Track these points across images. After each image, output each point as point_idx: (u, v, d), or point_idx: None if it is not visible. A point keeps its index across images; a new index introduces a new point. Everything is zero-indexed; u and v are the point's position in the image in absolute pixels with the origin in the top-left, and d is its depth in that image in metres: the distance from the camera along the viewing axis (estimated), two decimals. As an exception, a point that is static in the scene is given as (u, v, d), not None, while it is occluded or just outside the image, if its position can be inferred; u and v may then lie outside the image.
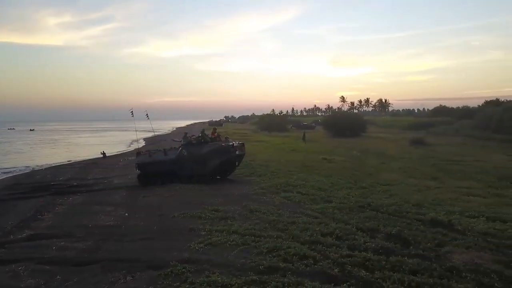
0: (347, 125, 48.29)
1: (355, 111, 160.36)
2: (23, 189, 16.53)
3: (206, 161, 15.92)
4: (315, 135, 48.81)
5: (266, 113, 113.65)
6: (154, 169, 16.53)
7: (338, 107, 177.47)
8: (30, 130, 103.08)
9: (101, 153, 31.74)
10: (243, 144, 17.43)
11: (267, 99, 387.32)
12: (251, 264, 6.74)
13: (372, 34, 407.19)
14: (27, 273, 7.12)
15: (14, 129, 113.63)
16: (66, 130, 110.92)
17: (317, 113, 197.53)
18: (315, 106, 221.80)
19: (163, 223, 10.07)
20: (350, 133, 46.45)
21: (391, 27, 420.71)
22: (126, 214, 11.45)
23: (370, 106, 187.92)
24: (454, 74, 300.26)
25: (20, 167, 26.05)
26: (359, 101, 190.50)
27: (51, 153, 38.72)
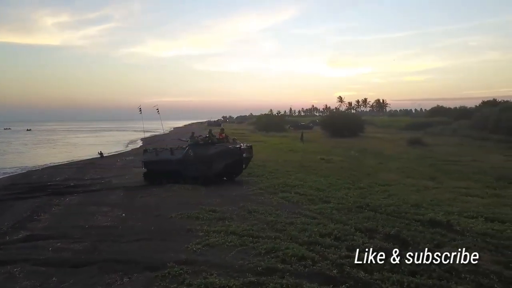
0: (345, 125, 48.26)
1: (353, 111, 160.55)
2: (20, 189, 16.40)
3: (212, 163, 15.53)
4: (313, 135, 48.80)
5: (264, 113, 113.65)
6: (160, 168, 16.41)
7: (336, 107, 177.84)
8: (27, 130, 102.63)
9: (99, 153, 31.62)
10: (250, 147, 16.97)
11: (265, 99, 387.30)
12: (249, 265, 6.70)
13: (369, 34, 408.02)
14: (22, 274, 7.06)
15: (10, 129, 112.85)
16: (63, 130, 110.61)
17: (315, 113, 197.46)
18: (313, 106, 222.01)
19: (161, 223, 10.02)
20: (348, 133, 46.43)
21: (389, 28, 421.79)
22: (123, 214, 11.39)
23: (367, 106, 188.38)
24: (451, 74, 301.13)
25: (16, 167, 25.90)
26: (356, 101, 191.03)
27: (48, 153, 38.57)
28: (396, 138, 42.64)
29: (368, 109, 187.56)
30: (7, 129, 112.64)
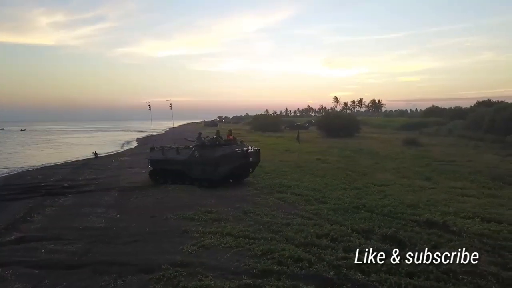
0: (340, 125, 48.29)
1: (348, 112, 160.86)
2: (13, 190, 16.25)
3: (217, 166, 14.84)
4: (309, 135, 48.80)
5: (260, 113, 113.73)
6: (165, 167, 16.21)
7: (331, 108, 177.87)
8: (21, 130, 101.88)
9: (93, 154, 31.44)
10: (258, 150, 16.22)
11: (261, 99, 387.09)
12: (244, 267, 6.64)
13: (365, 35, 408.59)
14: (14, 277, 6.96)
15: (3, 129, 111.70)
16: (58, 130, 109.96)
17: (311, 114, 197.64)
18: (309, 106, 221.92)
19: (155, 225, 9.93)
20: (343, 133, 46.48)
21: (384, 28, 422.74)
22: (117, 215, 11.29)
23: (363, 106, 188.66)
24: (446, 74, 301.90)
25: (10, 168, 25.67)
26: (352, 101, 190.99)
27: (43, 153, 38.28)
28: (391, 138, 42.70)
29: (363, 109, 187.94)
30: (1, 129, 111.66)
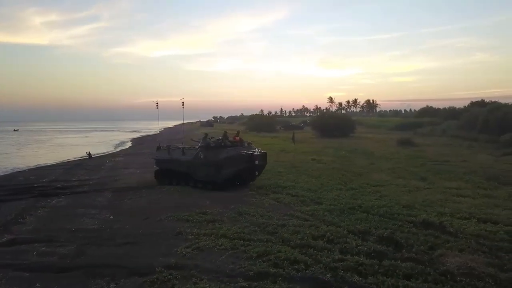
0: (335, 125, 48.31)
1: (343, 112, 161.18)
2: (5, 191, 16.03)
3: (221, 168, 14.24)
4: (304, 135, 48.76)
5: (255, 113, 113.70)
6: (170, 167, 15.97)
7: (326, 108, 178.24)
8: (14, 130, 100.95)
9: (87, 154, 31.20)
10: (265, 153, 15.60)
11: (256, 99, 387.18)
12: (240, 269, 6.54)
13: (359, 35, 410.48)
14: (4, 281, 6.80)
15: None
16: (51, 130, 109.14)
17: (306, 114, 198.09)
18: (304, 106, 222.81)
19: (149, 226, 9.81)
20: (338, 134, 46.50)
21: (378, 29, 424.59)
22: (111, 217, 11.15)
23: (358, 106, 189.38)
24: (439, 75, 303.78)
25: (2, 168, 25.35)
26: (347, 101, 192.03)
27: (36, 154, 37.92)
28: (386, 138, 42.76)
29: (358, 109, 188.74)
30: None
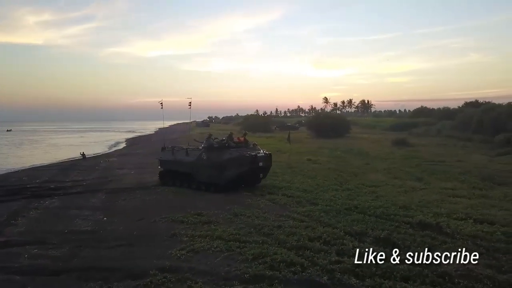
0: (330, 125, 48.35)
1: (338, 112, 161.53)
2: (-3, 192, 15.80)
3: (223, 170, 13.82)
4: (299, 135, 48.70)
5: (250, 113, 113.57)
6: (174, 168, 15.69)
7: (321, 108, 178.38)
8: (7, 130, 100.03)
9: (81, 154, 30.93)
10: (270, 155, 15.07)
11: (251, 99, 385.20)
12: (235, 272, 6.44)
13: (354, 36, 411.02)
14: (-6, 284, 6.65)
15: None
16: (45, 130, 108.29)
17: (301, 114, 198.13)
18: (299, 107, 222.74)
19: (143, 228, 9.69)
20: (333, 134, 46.52)
21: (373, 29, 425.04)
22: (104, 218, 11.01)
23: (353, 107, 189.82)
24: (434, 75, 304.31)
25: (-5, 169, 25.06)
26: (342, 102, 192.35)
27: (29, 154, 37.60)
28: (381, 138, 42.85)
29: (353, 109, 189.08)
30: None
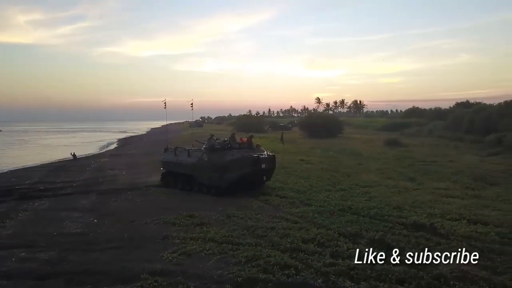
0: (323, 126, 48.38)
1: (330, 112, 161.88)
2: (-15, 194, 15.50)
3: (224, 172, 13.31)
4: (292, 135, 48.59)
5: (242, 113, 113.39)
6: (176, 170, 15.27)
7: (314, 108, 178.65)
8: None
9: (72, 155, 30.55)
10: (273, 156, 14.49)
11: (244, 99, 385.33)
12: (228, 275, 6.31)
13: (346, 36, 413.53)
14: (-20, 290, 6.45)
15: None
16: (36, 131, 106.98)
17: (293, 114, 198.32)
18: (291, 107, 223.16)
19: (135, 230, 9.51)
20: (326, 134, 46.55)
21: (365, 30, 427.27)
22: (94, 220, 10.80)
23: (345, 107, 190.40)
24: (425, 76, 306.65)
25: (-17, 170, 24.63)
26: (334, 102, 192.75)
27: (19, 154, 37.10)
28: (373, 138, 42.92)
29: (345, 110, 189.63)
30: None
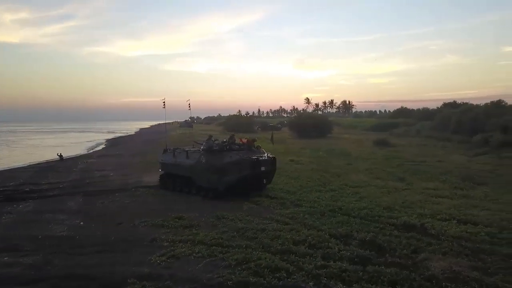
0: (312, 126, 48.51)
1: (319, 113, 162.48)
2: (-32, 196, 15.10)
3: (222, 174, 12.86)
4: (281, 136, 48.63)
5: (232, 114, 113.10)
6: (174, 172, 14.82)
7: (303, 109, 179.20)
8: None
9: (58, 156, 30.05)
10: (273, 158, 14.01)
11: (233, 99, 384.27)
12: (218, 279, 6.18)
13: (336, 37, 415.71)
14: (-40, 296, 6.23)
15: None
16: (23, 131, 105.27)
17: (283, 114, 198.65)
18: (281, 107, 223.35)
19: (122, 232, 9.33)
20: (315, 134, 46.65)
21: (354, 31, 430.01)
22: (81, 223, 10.59)
23: (334, 107, 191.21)
24: (413, 77, 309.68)
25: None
26: (323, 102, 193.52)
27: (4, 155, 36.36)
28: (362, 138, 43.15)
29: (334, 110, 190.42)
30: None
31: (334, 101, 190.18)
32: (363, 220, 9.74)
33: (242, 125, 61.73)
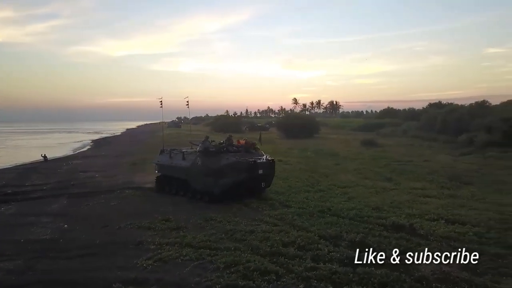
0: (300, 126, 48.61)
1: (307, 113, 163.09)
2: None
3: (218, 177, 12.31)
4: (269, 136, 48.61)
5: (220, 114, 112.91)
6: (170, 174, 14.31)
7: (291, 109, 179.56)
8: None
9: (42, 157, 29.50)
10: (272, 161, 13.52)
11: (221, 100, 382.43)
12: (206, 283, 6.06)
13: (323, 38, 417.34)
14: None
15: None
16: (6, 132, 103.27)
17: (271, 115, 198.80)
18: (269, 107, 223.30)
19: (107, 235, 9.12)
20: (303, 134, 46.75)
21: (341, 32, 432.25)
22: (65, 225, 10.33)
23: (321, 108, 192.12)
24: (399, 77, 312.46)
25: None
26: (311, 103, 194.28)
27: (-14, 157, 35.53)
28: (349, 138, 43.37)
29: (321, 110, 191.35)
30: None
31: (321, 102, 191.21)
32: (352, 220, 9.70)
33: (229, 126, 61.55)
